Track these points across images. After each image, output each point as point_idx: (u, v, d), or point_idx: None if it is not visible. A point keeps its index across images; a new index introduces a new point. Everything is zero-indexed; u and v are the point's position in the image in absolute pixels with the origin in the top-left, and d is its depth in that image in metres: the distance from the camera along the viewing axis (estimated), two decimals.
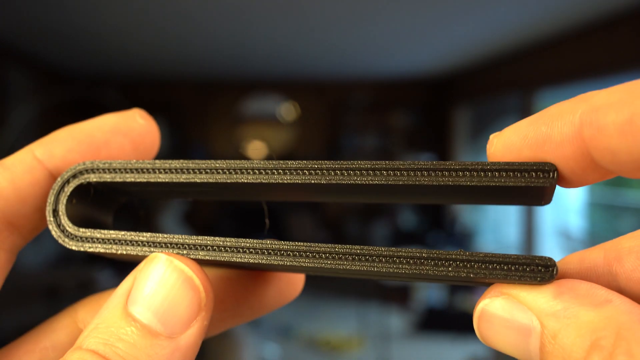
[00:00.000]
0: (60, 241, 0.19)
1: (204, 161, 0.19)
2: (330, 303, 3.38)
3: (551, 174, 0.16)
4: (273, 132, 4.40)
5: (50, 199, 0.19)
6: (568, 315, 0.15)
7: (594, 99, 0.15)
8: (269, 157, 0.19)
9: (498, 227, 3.75)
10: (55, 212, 0.19)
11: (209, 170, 0.19)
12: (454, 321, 2.86)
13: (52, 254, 2.61)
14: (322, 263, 0.18)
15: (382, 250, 0.17)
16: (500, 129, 0.17)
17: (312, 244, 0.18)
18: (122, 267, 1.96)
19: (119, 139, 0.21)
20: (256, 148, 4.23)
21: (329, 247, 0.18)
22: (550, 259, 0.16)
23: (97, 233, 0.19)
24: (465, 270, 0.17)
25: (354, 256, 0.18)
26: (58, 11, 2.37)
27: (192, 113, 4.32)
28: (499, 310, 0.17)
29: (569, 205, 3.18)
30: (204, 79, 4.24)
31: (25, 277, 2.29)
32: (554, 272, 0.16)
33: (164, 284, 0.17)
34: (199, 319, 0.18)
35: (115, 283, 0.19)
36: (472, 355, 2.29)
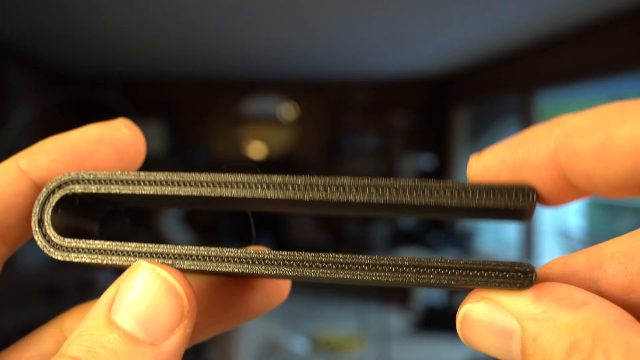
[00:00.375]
0: (45, 251, 0.19)
1: (188, 174, 0.19)
2: (330, 303, 3.38)
3: (530, 195, 0.17)
4: (273, 132, 4.40)
5: (36, 209, 0.19)
6: (547, 318, 0.15)
7: (568, 124, 0.16)
8: (253, 171, 0.19)
9: (498, 227, 3.75)
10: (40, 222, 0.19)
11: (193, 183, 0.19)
12: (454, 321, 2.85)
13: None
14: (305, 272, 0.18)
15: (364, 258, 0.18)
16: (500, 129, 0.18)
17: (296, 253, 0.18)
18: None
19: (104, 149, 0.21)
20: (256, 148, 4.23)
21: (312, 256, 0.18)
22: (529, 266, 0.17)
23: (83, 243, 0.19)
24: (447, 278, 0.17)
25: (337, 265, 0.18)
26: (58, 11, 2.37)
27: (192, 113, 4.32)
28: (480, 314, 0.17)
29: (568, 205, 3.17)
30: (204, 79, 4.25)
31: (25, 276, 2.29)
32: (533, 279, 0.16)
33: (146, 291, 0.18)
34: (182, 326, 0.18)
35: None
36: (472, 355, 2.29)
